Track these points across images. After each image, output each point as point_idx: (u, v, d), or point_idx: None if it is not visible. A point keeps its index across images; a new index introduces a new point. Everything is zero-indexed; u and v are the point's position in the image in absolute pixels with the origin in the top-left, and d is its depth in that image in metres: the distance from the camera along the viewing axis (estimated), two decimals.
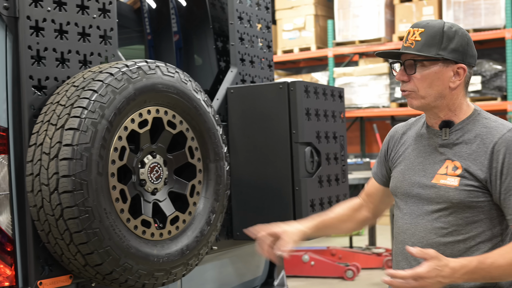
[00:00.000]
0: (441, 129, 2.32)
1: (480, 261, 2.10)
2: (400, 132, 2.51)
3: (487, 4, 9.66)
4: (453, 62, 2.26)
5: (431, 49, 2.24)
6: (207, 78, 3.90)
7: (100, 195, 2.41)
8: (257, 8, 3.89)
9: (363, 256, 7.57)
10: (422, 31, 2.26)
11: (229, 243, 3.51)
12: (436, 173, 2.28)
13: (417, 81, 2.26)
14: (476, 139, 2.24)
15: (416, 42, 2.25)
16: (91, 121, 2.40)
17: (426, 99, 2.27)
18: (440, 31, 2.25)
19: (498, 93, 9.66)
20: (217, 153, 2.99)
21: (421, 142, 2.38)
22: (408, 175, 2.36)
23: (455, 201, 2.21)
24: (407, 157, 2.41)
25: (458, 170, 2.23)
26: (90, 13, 2.74)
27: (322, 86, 3.55)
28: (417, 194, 2.31)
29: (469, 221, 2.22)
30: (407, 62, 2.28)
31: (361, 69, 10.80)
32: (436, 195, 2.25)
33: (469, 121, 2.30)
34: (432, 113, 2.33)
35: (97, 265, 2.45)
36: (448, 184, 2.23)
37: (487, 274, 2.11)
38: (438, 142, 2.32)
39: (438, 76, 2.25)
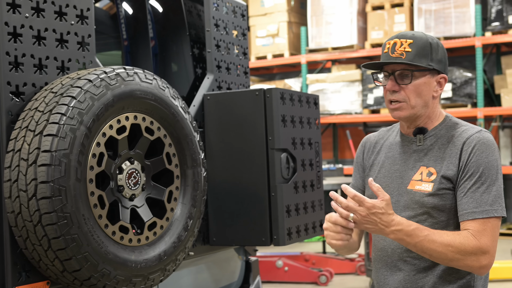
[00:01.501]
0: (415, 135, 2.37)
1: (418, 228, 2.16)
2: (373, 141, 2.55)
3: (458, 13, 9.82)
4: (437, 73, 2.33)
5: (422, 60, 2.30)
6: (183, 84, 3.92)
7: (78, 201, 2.41)
8: (233, 15, 3.92)
9: (337, 261, 7.63)
10: (411, 42, 2.30)
11: (206, 249, 3.53)
12: (411, 179, 2.33)
13: (408, 91, 2.30)
14: (449, 143, 2.31)
15: (407, 53, 2.29)
16: (70, 127, 2.40)
17: (415, 108, 2.32)
18: (428, 42, 2.32)
19: (468, 100, 9.81)
20: (194, 159, 3.00)
21: (396, 150, 2.43)
22: (385, 182, 2.40)
23: (429, 205, 2.26)
24: (383, 165, 2.45)
25: (433, 176, 2.28)
26: (68, 19, 2.75)
27: (298, 93, 3.59)
28: (396, 201, 2.35)
29: (445, 224, 2.27)
30: (398, 72, 2.31)
31: (334, 76, 10.89)
32: (412, 201, 2.30)
33: (441, 127, 2.37)
34: (412, 122, 2.37)
35: (75, 271, 2.45)
36: (423, 189, 2.28)
37: (418, 243, 2.15)
38: (413, 149, 2.37)
39: (426, 86, 2.32)
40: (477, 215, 2.20)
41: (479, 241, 2.17)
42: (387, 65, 2.34)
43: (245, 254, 3.96)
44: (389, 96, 2.34)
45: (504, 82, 9.81)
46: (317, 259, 7.61)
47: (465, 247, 2.15)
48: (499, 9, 9.69)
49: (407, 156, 2.38)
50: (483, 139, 2.27)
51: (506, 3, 9.58)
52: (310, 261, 7.56)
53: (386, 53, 2.33)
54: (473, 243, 2.16)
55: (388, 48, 2.33)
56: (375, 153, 2.51)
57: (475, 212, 2.20)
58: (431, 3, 9.98)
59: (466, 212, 2.21)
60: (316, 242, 9.60)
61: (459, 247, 2.15)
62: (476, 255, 2.16)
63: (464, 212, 2.22)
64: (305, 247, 9.33)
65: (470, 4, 9.74)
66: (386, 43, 2.36)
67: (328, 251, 8.53)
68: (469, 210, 2.21)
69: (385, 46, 2.35)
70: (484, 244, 2.17)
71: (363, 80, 10.57)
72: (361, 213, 2.13)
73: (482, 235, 2.18)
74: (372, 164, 2.50)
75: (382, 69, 2.37)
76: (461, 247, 2.15)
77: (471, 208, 2.21)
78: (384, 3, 10.47)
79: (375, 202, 2.13)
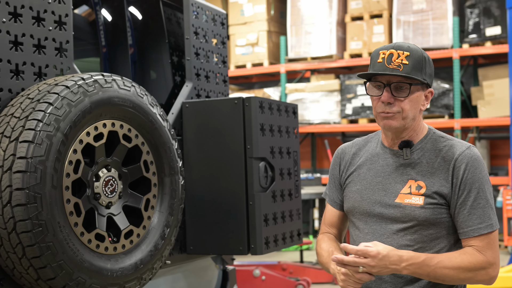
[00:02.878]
0: (401, 149, 2.37)
1: (427, 257, 2.20)
2: (350, 152, 2.54)
3: (436, 25, 9.90)
4: (426, 87, 2.33)
5: (418, 74, 2.28)
6: (162, 92, 3.90)
7: (54, 209, 2.39)
8: (213, 23, 3.92)
9: (314, 270, 7.62)
10: (408, 54, 2.27)
11: (183, 257, 3.51)
12: (399, 193, 2.33)
13: (402, 103, 2.28)
14: (437, 157, 2.32)
15: (404, 66, 2.26)
16: (46, 134, 2.38)
17: (406, 120, 2.31)
18: (422, 56, 2.30)
19: (446, 111, 9.89)
20: (172, 167, 2.99)
21: (377, 162, 2.42)
22: (367, 195, 2.39)
23: (421, 219, 2.27)
24: (363, 177, 2.43)
25: (422, 190, 2.29)
26: (46, 25, 2.73)
27: (277, 102, 3.59)
28: (379, 214, 2.35)
29: (433, 237, 2.29)
30: (395, 84, 2.28)
31: (312, 86, 10.92)
32: (402, 214, 2.30)
33: (427, 140, 2.37)
34: (399, 133, 2.36)
35: (49, 280, 2.42)
36: (414, 203, 2.29)
37: (431, 272, 2.19)
38: (400, 162, 2.36)
39: (417, 99, 2.32)
40: (482, 230, 2.25)
41: (485, 256, 2.24)
42: (383, 75, 2.29)
43: (222, 263, 3.95)
44: (381, 108, 2.30)
45: (481, 94, 9.91)
46: (295, 268, 7.61)
47: (475, 265, 2.22)
48: (476, 22, 9.79)
49: (391, 169, 2.38)
50: (474, 156, 2.30)
51: (483, 16, 9.69)
52: (287, 270, 7.55)
53: (381, 63, 2.27)
54: (481, 259, 2.23)
55: (383, 58, 2.28)
56: (354, 165, 2.49)
57: (480, 228, 2.26)
58: (409, 15, 10.07)
59: (472, 229, 2.26)
60: (294, 251, 9.60)
61: (469, 266, 2.22)
62: (485, 269, 2.24)
63: (469, 229, 2.27)
64: (282, 256, 9.33)
65: (448, 16, 9.84)
66: (380, 52, 2.30)
67: (305, 260, 8.52)
68: (474, 226, 2.26)
69: (379, 55, 2.29)
70: (491, 257, 2.25)
71: (341, 90, 10.61)
72: (370, 264, 2.16)
73: (487, 249, 2.25)
74: (351, 175, 2.49)
75: (375, 79, 2.32)
76: (471, 266, 2.22)
77: (476, 224, 2.26)
78: (363, 14, 10.53)
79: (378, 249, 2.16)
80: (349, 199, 2.45)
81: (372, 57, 2.34)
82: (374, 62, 2.32)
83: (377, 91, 2.32)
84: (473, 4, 9.81)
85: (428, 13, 9.95)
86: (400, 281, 2.31)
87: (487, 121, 9.67)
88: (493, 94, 9.61)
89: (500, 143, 10.54)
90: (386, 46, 2.31)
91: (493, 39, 9.60)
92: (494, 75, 9.91)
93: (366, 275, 2.19)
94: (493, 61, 10.60)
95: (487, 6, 9.66)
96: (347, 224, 2.60)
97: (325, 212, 2.62)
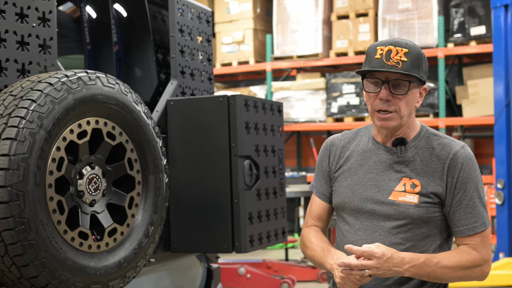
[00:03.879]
0: (395, 146, 2.36)
1: (428, 258, 2.22)
2: (339, 144, 2.51)
3: (421, 24, 9.95)
4: (421, 84, 2.33)
5: (416, 71, 2.26)
6: (147, 89, 3.89)
7: (37, 206, 2.37)
8: (198, 21, 3.91)
9: (299, 269, 7.64)
10: (406, 51, 2.25)
11: (167, 256, 3.50)
12: (393, 190, 2.32)
13: (399, 101, 2.27)
14: (431, 156, 2.32)
15: (403, 62, 2.24)
16: (29, 131, 2.36)
17: (403, 119, 2.31)
18: (420, 53, 2.29)
19: (431, 110, 9.93)
20: (157, 165, 2.98)
21: (370, 158, 2.40)
22: (358, 190, 2.38)
23: (415, 217, 2.28)
24: (354, 172, 2.42)
25: (417, 188, 2.30)
26: (30, 21, 2.71)
27: (262, 100, 3.59)
28: (371, 210, 2.34)
29: (425, 235, 2.30)
30: (394, 81, 2.26)
31: (298, 84, 10.93)
32: (396, 212, 2.30)
33: (420, 138, 2.37)
34: (393, 132, 2.36)
35: (32, 278, 2.40)
36: (408, 201, 2.29)
37: (432, 272, 2.21)
38: (394, 159, 2.36)
39: (413, 96, 2.31)
40: (477, 229, 2.28)
41: (481, 253, 2.28)
42: (381, 72, 2.26)
43: (206, 261, 3.94)
44: (379, 106, 2.28)
45: (466, 93, 9.96)
46: (280, 266, 7.61)
47: (472, 263, 2.26)
48: (461, 21, 9.84)
49: (385, 166, 2.37)
50: (468, 155, 2.33)
51: (468, 16, 9.74)
52: (272, 269, 7.55)
53: (379, 60, 2.25)
54: (477, 256, 2.27)
55: (381, 55, 2.25)
56: (343, 157, 2.47)
57: (475, 227, 2.28)
58: (395, 14, 10.10)
59: (467, 228, 2.29)
60: (279, 250, 9.61)
61: (467, 264, 2.25)
62: (481, 266, 2.28)
63: (465, 228, 2.29)
64: (267, 254, 9.33)
65: (433, 15, 9.88)
66: (377, 48, 2.27)
67: (290, 259, 8.54)
68: (470, 225, 2.28)
69: (376, 51, 2.26)
70: (485, 254, 2.29)
71: (327, 88, 10.63)
72: (376, 266, 2.17)
73: (482, 247, 2.29)
74: (341, 168, 2.47)
75: (371, 76, 2.29)
76: (468, 264, 2.25)
77: (472, 223, 2.28)
78: (349, 12, 10.55)
79: (382, 250, 2.18)
80: (339, 194, 2.44)
81: (369, 53, 2.31)
82: (371, 57, 2.29)
83: (374, 87, 2.29)
84: (458, 4, 9.86)
85: (413, 12, 9.99)
86: (385, 279, 2.31)
87: (472, 120, 9.73)
88: (477, 93, 9.67)
89: (484, 142, 10.61)
90: (384, 42, 2.28)
91: (478, 38, 9.66)
92: (479, 75, 9.96)
93: (368, 278, 2.20)
94: (477, 60, 10.66)
95: (472, 6, 9.71)
96: (332, 217, 2.60)
97: (312, 204, 2.58)
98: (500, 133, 7.82)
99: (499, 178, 7.81)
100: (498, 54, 7.81)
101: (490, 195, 8.86)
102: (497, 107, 7.85)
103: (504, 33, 7.72)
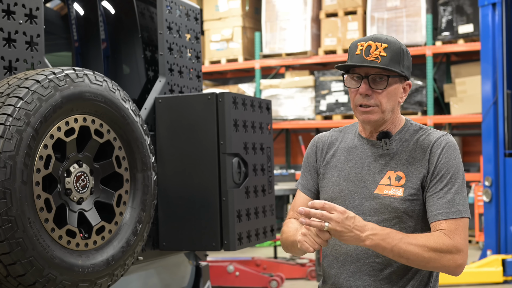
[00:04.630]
0: (379, 139, 2.37)
1: (392, 231, 2.17)
2: (326, 141, 2.52)
3: (409, 22, 9.98)
4: (404, 79, 2.33)
5: (396, 66, 2.28)
6: (135, 87, 3.88)
7: (24, 204, 2.36)
8: (187, 18, 3.90)
9: (287, 266, 7.64)
10: (386, 46, 2.27)
11: (155, 253, 3.49)
12: (378, 184, 2.33)
13: (380, 96, 2.29)
14: (415, 147, 2.33)
15: (382, 57, 2.26)
16: (16, 129, 2.35)
17: (384, 113, 2.31)
18: (400, 48, 2.30)
19: (419, 107, 9.97)
20: (145, 163, 2.97)
21: (356, 153, 2.41)
22: (346, 186, 2.38)
23: (401, 210, 2.27)
24: (341, 168, 2.42)
25: (402, 180, 2.29)
26: (16, 18, 2.69)
27: (250, 98, 3.59)
28: (358, 205, 2.34)
29: (412, 229, 2.29)
30: (373, 76, 2.28)
31: (287, 82, 10.94)
32: (381, 206, 2.30)
33: (405, 131, 2.38)
34: (377, 126, 2.37)
35: (19, 276, 2.39)
36: (393, 194, 2.28)
37: (395, 246, 2.15)
38: (378, 153, 2.36)
39: (395, 91, 2.32)
40: (450, 215, 2.22)
41: (453, 240, 2.19)
42: (361, 67, 2.29)
43: (195, 259, 3.94)
44: (360, 100, 2.30)
45: (454, 91, 10.00)
46: (268, 264, 7.62)
47: (441, 246, 2.17)
48: (449, 19, 9.88)
49: (370, 160, 2.37)
50: (450, 142, 2.31)
51: (456, 14, 9.78)
52: (261, 266, 7.56)
53: (359, 55, 2.27)
54: (447, 241, 2.19)
55: (361, 50, 2.27)
56: (330, 153, 2.48)
57: (448, 213, 2.23)
58: (383, 12, 10.12)
59: (440, 212, 2.23)
60: (268, 247, 9.61)
61: (435, 246, 2.17)
62: (452, 253, 2.19)
63: (437, 213, 2.23)
64: (256, 252, 9.34)
65: (422, 13, 9.91)
66: (358, 44, 2.29)
67: (279, 256, 8.55)
68: (442, 210, 2.23)
69: (357, 47, 2.29)
70: (458, 242, 2.20)
71: (316, 86, 10.64)
72: (336, 220, 2.11)
73: (455, 234, 2.21)
74: (327, 165, 2.46)
75: (352, 71, 2.32)
76: (437, 246, 2.17)
77: (445, 208, 2.23)
78: (337, 10, 10.57)
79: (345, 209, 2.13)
80: (327, 191, 2.43)
81: (350, 49, 2.33)
82: (352, 54, 2.32)
83: (355, 83, 2.32)
84: (446, 2, 9.90)
85: (402, 10, 10.02)
86: (379, 274, 2.30)
87: (459, 118, 9.77)
88: (465, 91, 9.71)
89: (472, 140, 10.66)
90: (364, 38, 2.31)
91: (466, 36, 9.70)
92: (467, 73, 10.01)
93: (326, 234, 2.13)
94: (465, 58, 10.71)
95: (460, 4, 9.75)
96: None
97: (296, 199, 2.57)
98: (487, 131, 7.87)
99: (486, 176, 7.85)
100: (486, 52, 7.85)
101: (478, 193, 8.91)
102: (484, 105, 7.89)
103: (491, 31, 7.77)
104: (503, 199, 7.72)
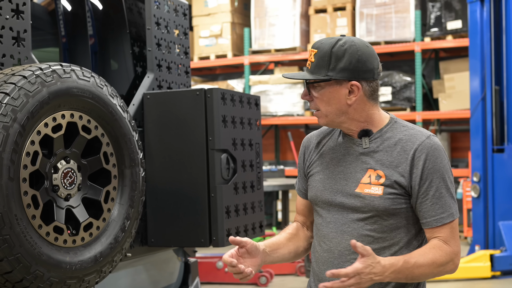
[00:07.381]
0: (360, 138, 2.37)
1: (405, 260, 2.20)
2: (315, 141, 2.54)
3: (398, 18, 9.99)
4: (346, 81, 2.30)
5: (321, 71, 2.29)
6: (123, 83, 3.86)
7: (11, 201, 2.34)
8: (175, 14, 3.88)
9: None
10: (315, 52, 2.30)
11: (144, 250, 3.48)
12: (359, 182, 2.33)
13: (317, 100, 2.33)
14: (396, 146, 2.32)
15: (311, 64, 2.31)
16: (3, 125, 2.33)
17: (329, 116, 2.33)
18: (329, 51, 2.27)
19: (408, 103, 9.99)
20: (133, 159, 2.96)
21: (339, 151, 2.42)
22: (329, 184, 2.39)
23: (381, 209, 2.28)
24: (326, 166, 2.43)
25: (382, 179, 2.29)
26: (3, 13, 2.67)
27: (239, 94, 3.58)
28: (340, 203, 2.35)
29: (393, 227, 2.30)
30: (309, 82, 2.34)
31: (276, 78, 10.93)
32: (362, 204, 2.30)
33: (387, 129, 2.36)
34: (342, 127, 2.38)
35: (6, 273, 2.38)
36: (373, 193, 2.29)
37: (410, 273, 2.20)
38: (359, 151, 2.36)
39: (333, 95, 2.30)
40: (445, 220, 2.26)
41: (452, 247, 2.26)
42: None
43: (184, 255, 3.93)
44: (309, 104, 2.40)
45: (442, 87, 10.03)
46: None
47: (446, 259, 2.25)
48: (438, 15, 9.90)
49: (352, 158, 2.38)
50: (434, 145, 2.30)
51: (445, 10, 9.80)
52: None
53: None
54: (449, 250, 2.26)
55: None
56: (317, 152, 2.49)
57: (442, 218, 2.26)
58: (372, 8, 10.13)
59: (435, 219, 2.26)
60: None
61: (441, 260, 2.24)
62: (453, 260, 2.27)
63: (432, 220, 2.27)
64: None
65: (411, 9, 9.93)
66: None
67: None
68: (437, 216, 2.26)
69: None
70: (455, 247, 2.28)
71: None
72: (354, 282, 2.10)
73: (452, 239, 2.27)
74: (314, 164, 2.48)
75: None
76: (443, 260, 2.24)
77: (439, 214, 2.26)
78: (326, 6, 10.57)
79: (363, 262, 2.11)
80: (312, 188, 2.46)
81: None
82: None
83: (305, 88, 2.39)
84: None
85: (390, 7, 10.03)
86: None
87: (448, 113, 9.80)
88: (454, 87, 9.74)
89: (460, 136, 10.69)
90: None
91: (454, 32, 9.73)
92: (455, 69, 10.04)
93: None
94: (454, 54, 10.74)
95: (448, 0, 9.78)
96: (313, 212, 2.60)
97: (296, 202, 2.67)
98: (476, 126, 7.90)
99: (475, 172, 7.88)
100: (474, 48, 7.88)
101: (466, 188, 8.95)
102: (473, 101, 7.93)
103: (480, 28, 7.79)
104: (491, 195, 7.75)
